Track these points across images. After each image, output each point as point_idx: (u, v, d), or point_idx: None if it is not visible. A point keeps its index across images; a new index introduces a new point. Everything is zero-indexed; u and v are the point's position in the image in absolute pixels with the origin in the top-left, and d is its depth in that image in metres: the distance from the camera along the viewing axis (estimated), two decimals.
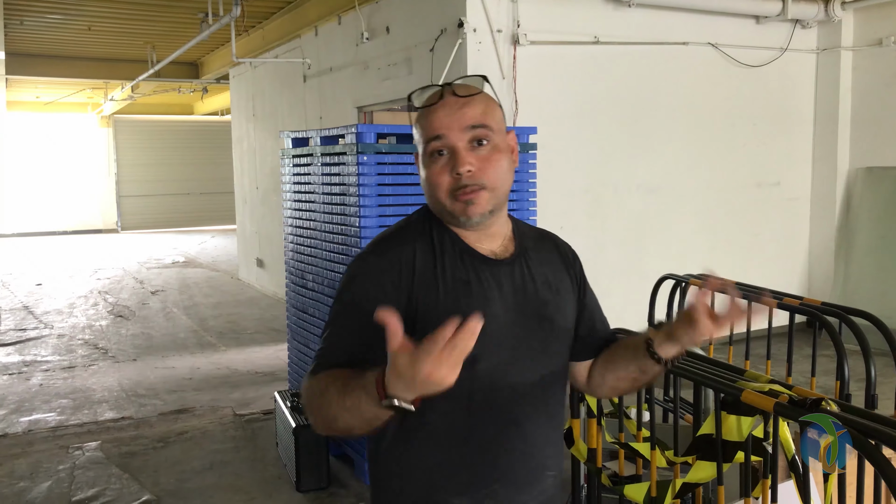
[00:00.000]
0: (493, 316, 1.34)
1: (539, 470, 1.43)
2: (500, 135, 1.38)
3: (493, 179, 1.35)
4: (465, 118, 1.34)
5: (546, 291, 1.44)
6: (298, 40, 8.37)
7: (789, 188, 7.09)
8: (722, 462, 2.20)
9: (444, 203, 1.36)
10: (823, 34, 6.97)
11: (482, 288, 1.36)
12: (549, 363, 1.44)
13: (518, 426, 1.39)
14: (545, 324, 1.42)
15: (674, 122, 6.34)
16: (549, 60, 5.71)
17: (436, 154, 1.35)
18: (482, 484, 1.37)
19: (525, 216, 4.40)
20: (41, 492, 3.95)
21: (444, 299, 1.33)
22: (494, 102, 1.41)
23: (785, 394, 1.99)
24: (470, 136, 1.34)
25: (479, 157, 1.34)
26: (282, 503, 3.78)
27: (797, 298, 3.48)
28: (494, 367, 1.35)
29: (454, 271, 1.36)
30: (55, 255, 14.52)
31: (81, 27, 9.85)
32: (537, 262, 1.46)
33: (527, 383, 1.39)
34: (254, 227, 10.34)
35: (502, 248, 1.43)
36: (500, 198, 1.38)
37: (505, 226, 1.45)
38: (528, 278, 1.42)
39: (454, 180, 1.33)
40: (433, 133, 1.34)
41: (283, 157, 4.81)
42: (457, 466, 1.36)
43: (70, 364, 6.52)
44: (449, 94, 1.36)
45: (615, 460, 2.94)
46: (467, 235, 1.40)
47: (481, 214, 1.35)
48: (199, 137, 19.39)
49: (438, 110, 1.35)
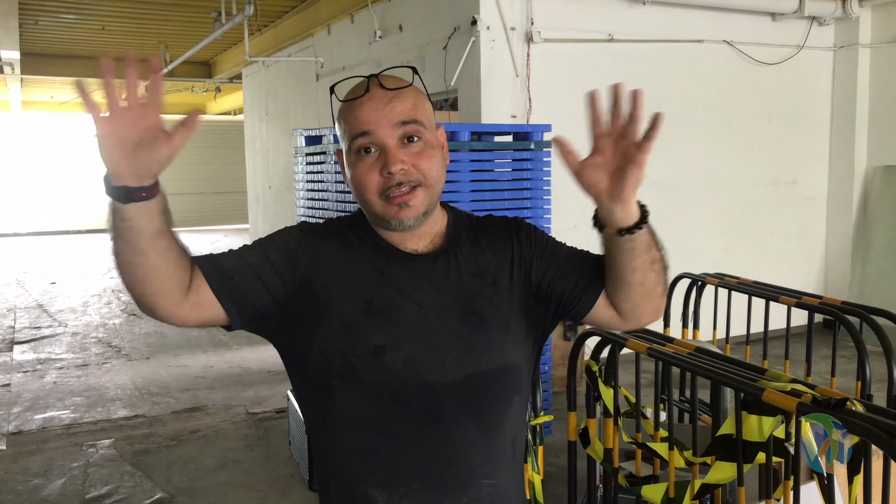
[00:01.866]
0: (403, 308, 1.28)
1: (467, 477, 1.31)
2: (431, 131, 1.31)
3: (429, 176, 1.27)
4: (395, 113, 1.25)
5: (476, 284, 1.33)
6: (311, 39, 8.37)
7: (806, 187, 7.02)
8: (742, 463, 2.16)
9: (373, 204, 1.27)
10: (841, 31, 6.90)
11: (396, 279, 1.30)
12: (477, 362, 1.30)
13: (438, 426, 1.29)
14: (472, 318, 1.31)
15: (689, 121, 6.29)
16: (563, 58, 5.67)
17: (362, 151, 1.26)
18: (399, 481, 1.29)
19: (539, 214, 4.37)
20: (55, 489, 3.95)
21: (357, 284, 1.29)
22: (424, 96, 1.33)
23: (808, 394, 1.95)
24: (400, 133, 1.25)
25: (412, 154, 1.26)
26: (295, 501, 3.77)
27: (816, 298, 3.43)
28: (403, 360, 1.27)
29: (370, 259, 1.31)
30: (69, 253, 14.60)
31: (95, 27, 9.90)
32: (471, 252, 1.36)
33: (446, 382, 1.28)
34: (266, 226, 10.36)
35: (430, 244, 1.35)
36: (435, 197, 1.30)
37: (437, 223, 1.36)
38: (454, 270, 1.33)
39: (385, 180, 1.25)
40: (360, 129, 1.26)
41: (297, 156, 4.81)
42: (374, 458, 1.29)
43: (84, 362, 6.54)
44: (375, 87, 1.27)
45: (632, 461, 2.91)
46: (392, 237, 1.33)
47: (415, 217, 1.27)
48: (212, 137, 19.44)
49: (364, 104, 1.26)
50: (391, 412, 1.28)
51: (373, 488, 1.30)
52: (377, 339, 1.27)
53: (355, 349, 1.27)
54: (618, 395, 2.77)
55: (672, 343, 2.66)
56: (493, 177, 4.30)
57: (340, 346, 1.27)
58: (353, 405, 1.29)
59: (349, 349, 1.27)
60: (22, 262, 13.49)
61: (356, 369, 1.27)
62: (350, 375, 1.26)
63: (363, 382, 1.26)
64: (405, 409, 1.28)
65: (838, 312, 3.18)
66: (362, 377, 1.27)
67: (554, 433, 4.45)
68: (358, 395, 1.28)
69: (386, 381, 1.27)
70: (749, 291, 3.74)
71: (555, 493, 3.55)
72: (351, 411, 1.29)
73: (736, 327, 4.02)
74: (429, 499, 1.30)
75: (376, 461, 1.30)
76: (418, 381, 1.28)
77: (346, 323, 1.28)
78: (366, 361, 1.26)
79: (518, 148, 4.34)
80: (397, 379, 1.27)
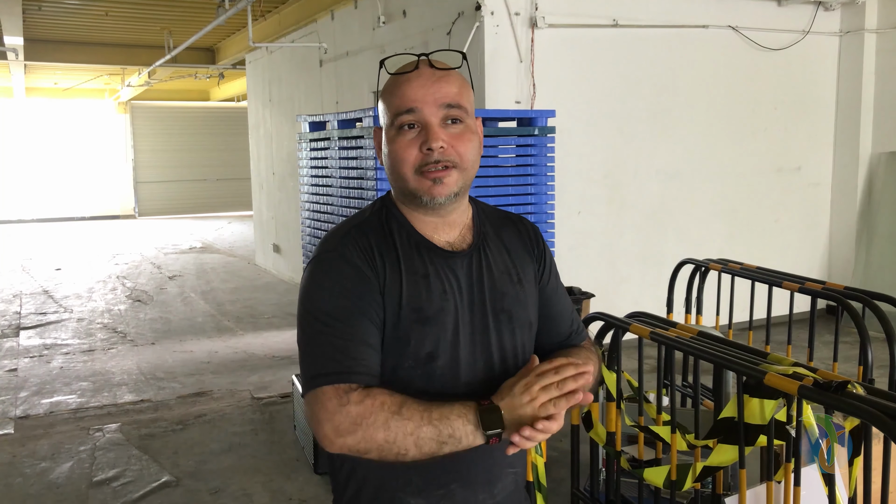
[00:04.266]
0: (448, 310, 1.29)
1: (498, 468, 1.37)
2: (472, 118, 1.33)
3: (465, 159, 1.29)
4: (441, 94, 1.27)
5: (505, 282, 1.37)
6: (315, 25, 8.34)
7: (810, 173, 7.00)
8: (744, 445, 2.18)
9: (408, 180, 1.28)
10: (847, 16, 6.85)
11: (440, 282, 1.30)
12: (507, 358, 1.35)
13: None
14: (502, 316, 1.35)
15: (693, 107, 6.27)
16: (567, 44, 5.65)
17: (405, 127, 1.27)
18: (438, 484, 1.32)
19: (543, 201, 4.37)
20: (63, 472, 3.99)
21: (406, 295, 1.27)
22: (467, 83, 1.35)
23: (809, 377, 1.97)
24: (444, 114, 1.27)
25: (452, 136, 1.27)
26: (300, 485, 3.80)
27: (819, 283, 3.44)
28: (448, 365, 1.29)
29: (412, 265, 1.29)
30: (74, 240, 14.64)
31: (98, 13, 9.88)
32: (497, 250, 1.39)
33: (482, 381, 1.31)
34: (270, 213, 10.37)
35: (460, 237, 1.36)
36: (468, 180, 1.32)
37: (465, 214, 1.38)
38: (486, 269, 1.35)
39: (423, 156, 1.26)
40: (406, 105, 1.27)
41: (301, 142, 4.81)
42: (411, 468, 1.27)
43: (90, 347, 6.58)
44: (425, 66, 1.29)
45: (634, 444, 2.93)
46: (424, 225, 1.33)
47: (447, 196, 1.28)
48: (216, 123, 19.44)
49: (413, 80, 1.28)
50: None
51: (409, 497, 1.32)
52: (427, 347, 1.28)
53: (405, 361, 1.27)
54: (621, 379, 2.78)
55: (675, 328, 2.67)
56: (498, 162, 4.30)
57: (391, 360, 1.27)
58: None
59: (398, 363, 1.28)
60: (27, 248, 13.53)
61: (404, 381, 1.27)
62: (397, 387, 1.24)
63: (412, 392, 1.23)
64: None
65: (841, 298, 3.18)
66: (409, 387, 1.25)
67: None
68: None
69: (430, 387, 1.28)
70: (752, 277, 3.74)
71: (558, 477, 3.58)
72: None
73: (739, 313, 4.03)
74: (465, 497, 1.34)
75: (413, 470, 1.30)
76: (460, 384, 1.30)
77: (398, 338, 1.27)
78: (416, 372, 1.27)
79: (522, 134, 4.34)
80: (441, 383, 1.29)
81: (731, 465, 2.32)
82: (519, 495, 1.45)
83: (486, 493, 1.35)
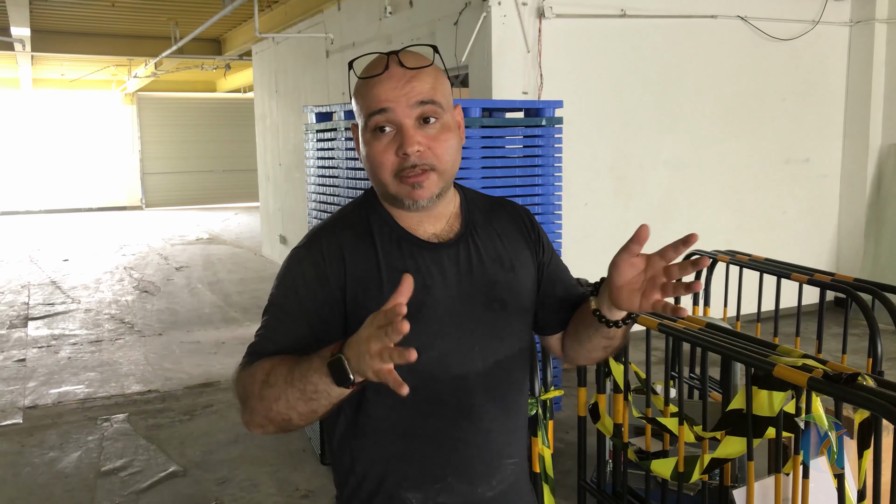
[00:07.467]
0: (432, 304, 1.27)
1: (497, 459, 1.35)
2: (449, 111, 1.29)
3: (443, 160, 1.26)
4: (414, 92, 1.23)
5: (496, 270, 1.34)
6: (321, 15, 8.32)
7: (819, 164, 6.95)
8: (752, 437, 2.17)
9: (387, 185, 1.26)
10: (857, 6, 6.79)
11: (420, 276, 1.27)
12: (501, 348, 1.33)
13: (470, 418, 1.31)
14: (495, 305, 1.32)
15: (701, 98, 6.23)
16: (574, 34, 5.62)
17: (378, 130, 1.24)
18: (435, 478, 1.31)
19: (550, 192, 4.35)
20: (71, 461, 4.01)
21: (383, 292, 1.25)
22: (443, 75, 1.31)
23: (819, 368, 1.95)
24: (418, 113, 1.23)
25: (428, 136, 1.24)
26: (306, 475, 3.81)
27: (828, 275, 3.42)
28: (437, 358, 1.27)
29: (390, 260, 1.27)
30: (81, 231, 14.69)
31: (105, 3, 9.87)
32: (487, 236, 1.36)
33: (477, 373, 1.30)
34: (277, 204, 10.37)
35: (447, 227, 1.34)
36: (449, 179, 1.29)
37: (450, 204, 1.35)
38: (475, 258, 1.33)
39: (400, 160, 1.23)
40: (377, 106, 1.23)
41: (307, 132, 4.80)
42: (406, 462, 1.28)
43: (97, 338, 6.61)
44: (395, 65, 1.24)
45: (641, 436, 2.92)
46: (408, 219, 1.31)
47: (428, 199, 1.26)
48: (222, 114, 19.44)
49: (384, 82, 1.23)
50: (425, 413, 1.29)
51: (406, 491, 1.31)
52: (410, 344, 1.23)
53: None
54: (628, 370, 2.77)
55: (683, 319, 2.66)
56: (505, 153, 4.28)
57: None
58: (388, 413, 1.29)
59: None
60: (35, 239, 13.58)
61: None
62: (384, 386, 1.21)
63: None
64: (440, 407, 1.29)
65: (850, 289, 3.16)
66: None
67: (564, 409, 4.47)
68: (393, 403, 1.27)
69: (421, 383, 1.25)
70: (760, 268, 3.73)
71: (564, 469, 3.58)
72: (385, 420, 1.30)
73: (747, 305, 4.01)
74: (462, 489, 1.33)
75: (409, 464, 1.30)
76: (451, 377, 1.29)
77: None
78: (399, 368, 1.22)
79: (529, 124, 4.32)
80: (432, 378, 1.27)
81: (738, 457, 2.32)
82: (521, 486, 1.43)
83: (485, 485, 1.34)
